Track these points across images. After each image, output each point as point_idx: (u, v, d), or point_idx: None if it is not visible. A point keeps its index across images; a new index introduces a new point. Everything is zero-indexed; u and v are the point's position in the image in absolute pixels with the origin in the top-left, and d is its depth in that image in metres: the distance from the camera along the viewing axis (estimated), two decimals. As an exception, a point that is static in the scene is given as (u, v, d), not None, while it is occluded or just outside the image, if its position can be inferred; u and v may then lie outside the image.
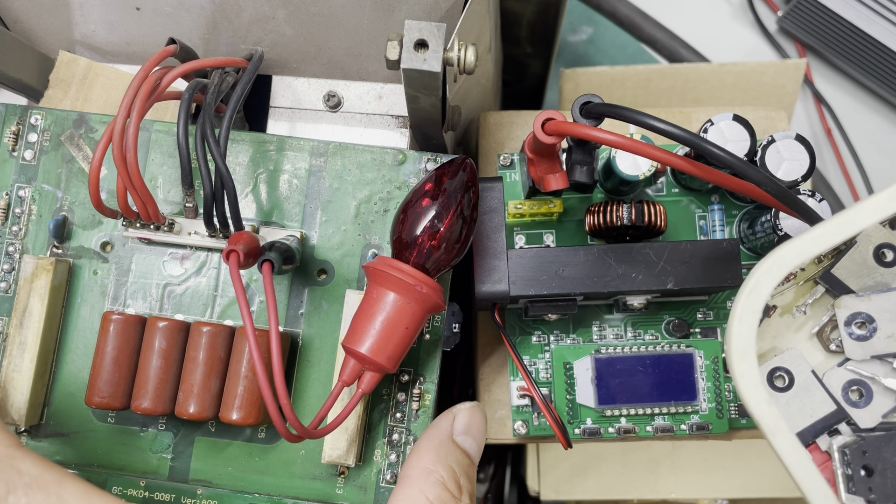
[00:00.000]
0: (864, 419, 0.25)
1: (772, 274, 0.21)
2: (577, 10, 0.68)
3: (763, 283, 0.21)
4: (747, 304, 0.21)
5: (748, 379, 0.21)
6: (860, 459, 0.25)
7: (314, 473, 0.32)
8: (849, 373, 0.26)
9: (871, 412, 0.25)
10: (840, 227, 0.21)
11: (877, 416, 0.25)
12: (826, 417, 0.25)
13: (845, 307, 0.25)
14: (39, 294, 0.31)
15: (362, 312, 0.29)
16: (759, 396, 0.20)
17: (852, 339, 0.25)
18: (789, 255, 0.21)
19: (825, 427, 0.25)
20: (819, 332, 0.26)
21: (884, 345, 0.25)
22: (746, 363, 0.21)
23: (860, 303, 0.25)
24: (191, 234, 0.32)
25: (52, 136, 0.34)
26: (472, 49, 0.29)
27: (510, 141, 0.39)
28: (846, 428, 0.26)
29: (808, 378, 0.26)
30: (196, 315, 0.33)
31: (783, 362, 0.26)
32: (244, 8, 0.34)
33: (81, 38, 0.37)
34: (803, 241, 0.21)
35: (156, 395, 0.31)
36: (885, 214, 0.21)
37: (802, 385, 0.26)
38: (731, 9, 0.69)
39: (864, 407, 0.25)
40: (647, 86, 0.57)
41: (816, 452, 0.26)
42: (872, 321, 0.25)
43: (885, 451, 0.25)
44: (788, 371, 0.26)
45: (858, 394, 0.25)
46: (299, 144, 0.33)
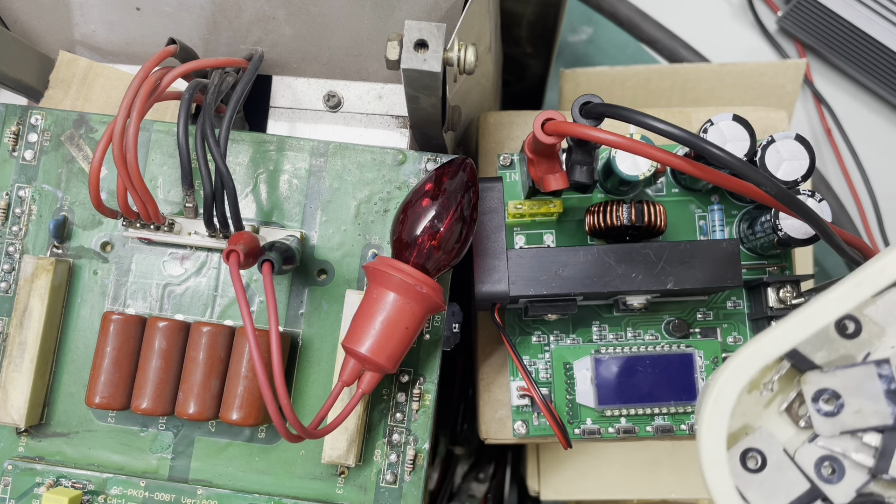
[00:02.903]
0: (839, 495, 0.25)
1: (735, 380, 0.21)
2: (576, 10, 0.68)
3: (727, 391, 0.21)
4: (714, 412, 0.21)
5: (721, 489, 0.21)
6: None
7: (314, 473, 0.32)
8: (820, 449, 0.25)
9: (845, 488, 0.25)
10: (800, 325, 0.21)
11: (850, 492, 0.25)
12: (801, 496, 0.25)
13: (811, 383, 0.25)
14: (39, 294, 0.31)
15: (362, 312, 0.29)
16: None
17: (820, 415, 0.25)
18: (751, 360, 0.21)
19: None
20: (788, 407, 0.26)
21: (852, 420, 0.25)
22: (717, 472, 0.21)
23: (825, 378, 0.25)
24: (191, 234, 0.32)
25: (53, 136, 0.34)
26: (472, 49, 0.29)
27: (510, 141, 0.39)
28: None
29: (781, 457, 0.25)
30: (196, 315, 0.33)
31: (754, 442, 0.25)
32: (244, 8, 0.34)
33: (81, 38, 0.37)
34: (764, 342, 0.21)
35: (156, 395, 0.31)
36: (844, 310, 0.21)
37: (775, 464, 0.25)
38: (731, 9, 0.69)
39: (837, 483, 0.25)
40: (646, 86, 0.57)
41: None
42: (839, 397, 0.25)
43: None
44: (760, 451, 0.25)
45: (831, 469, 0.25)
46: (299, 144, 0.33)
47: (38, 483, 0.32)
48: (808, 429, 0.26)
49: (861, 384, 0.25)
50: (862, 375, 0.24)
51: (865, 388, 0.24)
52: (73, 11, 0.36)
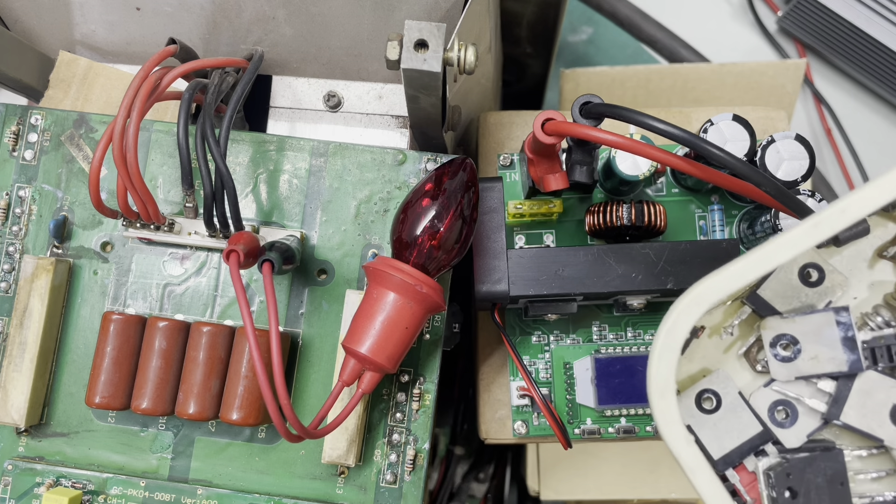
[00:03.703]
0: (790, 439, 0.26)
1: (690, 313, 0.21)
2: (577, 10, 0.68)
3: (681, 323, 0.21)
4: (666, 343, 0.21)
5: (667, 418, 0.21)
6: (785, 482, 0.25)
7: (314, 473, 0.32)
8: (775, 393, 0.26)
9: (797, 432, 0.26)
10: (757, 263, 0.21)
11: (802, 436, 0.26)
12: (753, 438, 0.25)
13: (770, 329, 0.25)
14: (39, 294, 0.31)
15: (362, 312, 0.29)
16: (677, 435, 0.20)
17: (777, 360, 0.25)
18: (706, 293, 0.21)
19: (752, 448, 0.26)
20: (746, 352, 0.27)
21: (808, 366, 0.25)
22: (665, 402, 0.20)
23: (785, 324, 0.25)
24: (191, 234, 0.32)
25: (53, 136, 0.34)
26: (472, 49, 0.29)
27: (510, 141, 0.39)
28: (773, 448, 0.26)
29: (736, 399, 0.26)
30: (196, 315, 0.33)
31: (711, 384, 0.26)
32: (244, 8, 0.34)
33: (82, 38, 0.37)
34: (720, 278, 0.21)
35: (156, 395, 0.31)
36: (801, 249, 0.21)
37: (730, 406, 0.26)
38: (731, 9, 0.69)
39: (789, 427, 0.26)
40: (646, 86, 0.57)
41: (744, 473, 0.26)
42: (797, 343, 0.25)
43: (808, 472, 0.25)
44: (716, 393, 0.26)
45: (784, 414, 0.26)
46: (299, 144, 0.33)
47: (38, 483, 0.32)
48: (764, 373, 0.26)
49: (819, 331, 0.25)
50: (821, 322, 0.25)
51: (823, 335, 0.25)
52: (73, 11, 0.36)
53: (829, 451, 0.25)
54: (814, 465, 0.25)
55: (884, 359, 0.25)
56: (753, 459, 0.26)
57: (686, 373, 0.26)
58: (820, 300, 0.25)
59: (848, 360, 0.25)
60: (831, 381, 0.25)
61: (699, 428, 0.26)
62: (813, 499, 0.25)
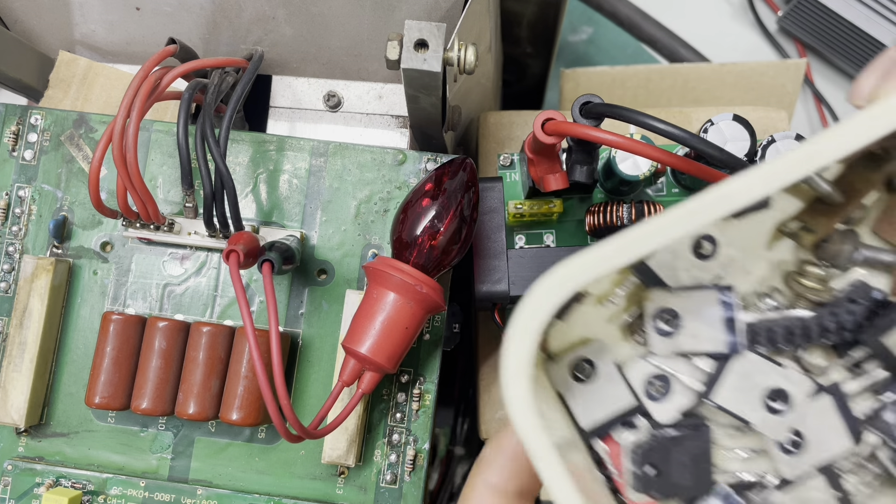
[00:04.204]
0: (662, 414, 0.25)
1: (552, 295, 0.19)
2: (577, 10, 0.68)
3: (546, 303, 0.19)
4: (525, 325, 0.19)
5: (520, 405, 0.19)
6: (648, 457, 0.25)
7: (314, 473, 0.32)
8: (651, 367, 0.25)
9: (669, 408, 0.25)
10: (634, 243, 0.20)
11: (674, 412, 0.25)
12: (624, 411, 0.25)
13: (653, 301, 0.24)
14: (39, 294, 0.31)
15: (362, 312, 0.29)
16: (529, 423, 0.19)
17: (657, 334, 0.24)
18: (574, 273, 0.19)
19: (622, 420, 0.25)
20: (629, 323, 0.26)
21: (687, 343, 0.24)
22: (519, 388, 0.19)
23: (668, 298, 0.24)
24: (191, 234, 0.32)
25: (52, 136, 0.34)
26: (472, 49, 0.29)
27: (510, 141, 0.39)
28: (643, 422, 0.25)
29: (611, 370, 0.25)
30: (196, 315, 0.33)
31: (588, 353, 0.25)
32: (244, 8, 0.34)
33: (81, 37, 0.37)
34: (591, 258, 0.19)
35: (156, 395, 0.31)
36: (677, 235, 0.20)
37: (604, 377, 0.25)
38: (732, 9, 0.69)
39: (662, 402, 0.25)
40: (647, 86, 0.57)
41: (612, 444, 0.26)
42: (678, 318, 0.24)
43: (673, 450, 0.25)
44: (592, 362, 0.25)
45: (659, 388, 0.25)
46: (299, 144, 0.33)
47: (37, 483, 0.32)
48: (644, 346, 0.26)
49: (702, 308, 0.24)
50: (704, 300, 0.24)
51: (705, 313, 0.24)
52: (72, 11, 0.36)
53: (698, 429, 0.25)
54: (680, 444, 0.25)
55: (764, 342, 0.25)
56: (622, 432, 0.25)
57: (566, 340, 0.26)
58: (711, 274, 0.25)
59: (727, 340, 0.24)
60: (710, 359, 0.25)
61: (571, 397, 0.25)
62: (674, 476, 0.25)
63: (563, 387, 0.25)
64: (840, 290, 0.25)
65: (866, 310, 0.25)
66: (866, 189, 0.24)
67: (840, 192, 0.24)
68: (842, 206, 0.24)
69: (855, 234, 0.25)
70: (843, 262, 0.25)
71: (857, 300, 0.25)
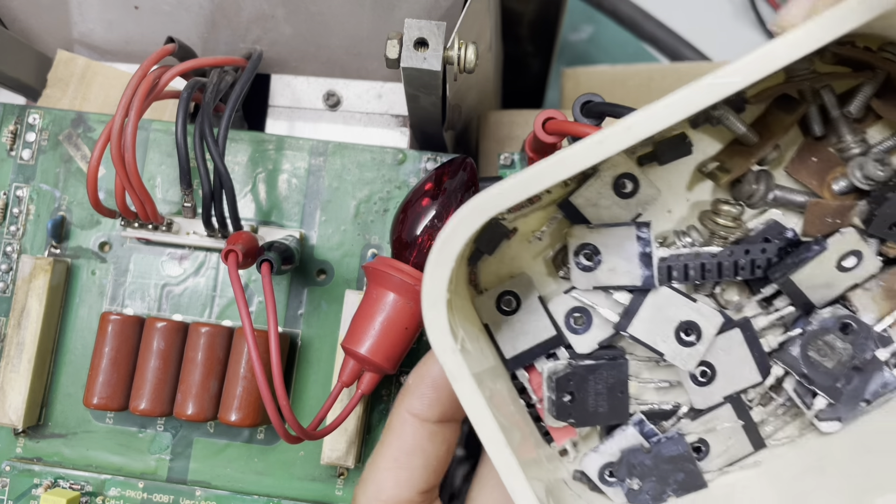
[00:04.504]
0: (581, 345, 0.26)
1: (466, 224, 0.20)
2: (577, 9, 0.67)
3: (457, 234, 0.20)
4: (440, 257, 0.20)
5: (436, 327, 0.21)
6: (566, 386, 0.25)
7: (313, 475, 0.32)
8: (573, 300, 0.26)
9: (588, 339, 0.26)
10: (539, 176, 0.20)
11: (593, 343, 0.26)
12: (546, 342, 0.26)
13: (576, 237, 0.25)
14: (37, 294, 0.31)
15: (362, 313, 0.28)
16: (445, 344, 0.21)
17: (579, 268, 0.25)
18: (485, 206, 0.20)
19: (544, 351, 0.26)
20: (553, 258, 0.27)
21: (606, 277, 0.25)
22: (436, 311, 0.20)
23: (589, 234, 0.25)
24: (189, 233, 0.32)
25: (51, 135, 0.33)
26: (472, 48, 0.29)
27: (510, 140, 0.39)
28: (564, 353, 0.26)
29: (535, 303, 0.26)
30: (194, 315, 0.33)
31: (513, 286, 0.26)
32: (243, 7, 0.34)
33: (80, 36, 0.37)
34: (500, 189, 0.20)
35: (154, 395, 0.31)
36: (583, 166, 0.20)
37: (528, 309, 0.26)
38: (733, 7, 0.69)
39: (582, 334, 0.26)
40: (648, 84, 0.56)
41: (534, 374, 0.27)
42: (598, 253, 0.25)
43: (590, 379, 0.26)
44: (517, 295, 0.26)
45: (579, 321, 0.26)
46: (298, 144, 0.33)
47: (35, 484, 0.32)
48: (567, 280, 0.26)
49: (620, 244, 0.25)
50: (623, 235, 0.25)
51: (623, 248, 0.25)
52: (71, 10, 0.36)
53: (615, 360, 0.26)
54: (597, 373, 0.26)
55: (679, 277, 0.25)
56: (545, 362, 0.26)
57: (494, 273, 0.27)
58: (632, 212, 0.25)
59: (642, 275, 0.25)
60: (627, 293, 0.25)
61: (496, 328, 0.26)
62: (590, 404, 0.26)
63: (491, 319, 0.26)
64: (754, 229, 0.26)
65: (778, 248, 0.26)
66: (781, 132, 0.25)
67: (755, 134, 0.25)
68: (757, 147, 0.25)
69: (769, 175, 0.26)
70: (757, 201, 0.26)
71: (770, 239, 0.26)
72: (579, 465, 0.27)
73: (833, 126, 0.26)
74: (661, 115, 0.20)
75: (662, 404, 0.27)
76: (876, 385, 0.25)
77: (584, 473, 0.26)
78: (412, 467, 0.25)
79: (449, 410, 0.25)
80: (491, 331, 0.26)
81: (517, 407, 0.26)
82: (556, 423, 0.26)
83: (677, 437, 0.26)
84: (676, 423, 0.27)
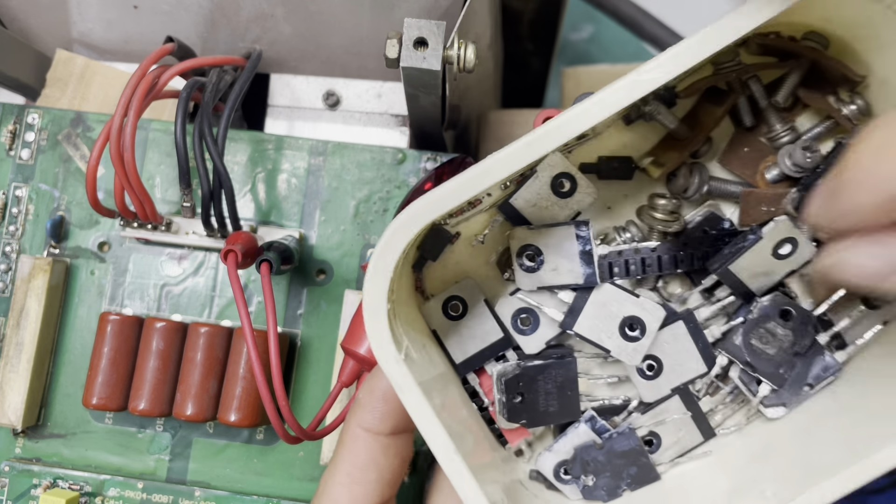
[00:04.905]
0: (530, 346, 0.26)
1: (403, 232, 0.20)
2: (577, 8, 0.67)
3: (395, 242, 0.20)
4: (379, 264, 0.21)
5: (379, 338, 0.21)
6: (515, 387, 0.26)
7: (313, 475, 0.32)
8: (519, 301, 0.26)
9: (536, 339, 0.26)
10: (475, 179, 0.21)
11: (540, 343, 0.26)
12: (494, 344, 0.26)
13: (517, 239, 0.25)
14: (36, 294, 0.31)
15: (361, 313, 0.28)
16: (388, 355, 0.21)
17: (522, 270, 0.26)
18: (422, 212, 0.20)
19: (493, 353, 0.26)
20: (497, 260, 0.27)
21: (549, 276, 0.25)
22: (377, 321, 0.21)
23: (531, 235, 0.25)
24: (188, 233, 0.32)
25: (50, 135, 0.33)
26: (472, 47, 0.29)
27: (511, 140, 0.39)
28: (513, 354, 0.27)
29: (481, 307, 0.26)
30: (194, 315, 0.33)
31: (459, 291, 0.26)
32: (242, 6, 0.34)
33: (79, 36, 0.37)
34: (435, 196, 0.21)
35: (153, 396, 0.31)
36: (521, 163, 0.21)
37: (475, 313, 0.26)
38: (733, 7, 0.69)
39: (529, 335, 0.26)
40: (648, 84, 0.56)
41: (485, 377, 0.27)
42: (540, 253, 0.25)
43: (539, 379, 0.26)
44: (462, 299, 0.26)
45: (526, 322, 0.26)
46: (298, 143, 0.33)
47: (35, 484, 0.32)
48: (512, 282, 0.27)
49: (561, 243, 0.25)
50: (563, 235, 0.25)
51: (564, 248, 0.25)
52: (70, 10, 0.35)
53: (563, 359, 0.26)
54: (546, 373, 0.26)
55: (621, 273, 0.26)
56: (494, 365, 0.26)
57: (439, 278, 0.27)
58: (571, 211, 0.26)
59: (584, 273, 0.25)
60: (571, 292, 0.26)
61: (444, 333, 0.26)
62: (541, 404, 0.26)
63: (439, 325, 0.26)
64: (691, 221, 0.26)
65: (715, 239, 0.26)
66: (712, 124, 0.26)
67: (688, 128, 0.26)
68: (690, 141, 0.26)
69: (703, 167, 0.26)
70: (692, 194, 0.26)
71: (708, 230, 0.26)
72: (534, 464, 0.27)
73: (763, 116, 0.26)
74: (591, 111, 0.20)
75: (613, 399, 0.27)
76: (817, 369, 0.26)
77: (540, 473, 0.26)
78: (367, 482, 0.25)
79: (401, 422, 0.25)
80: (439, 336, 0.26)
81: (470, 411, 0.26)
82: (509, 425, 0.26)
83: (628, 431, 0.26)
84: (627, 418, 0.27)
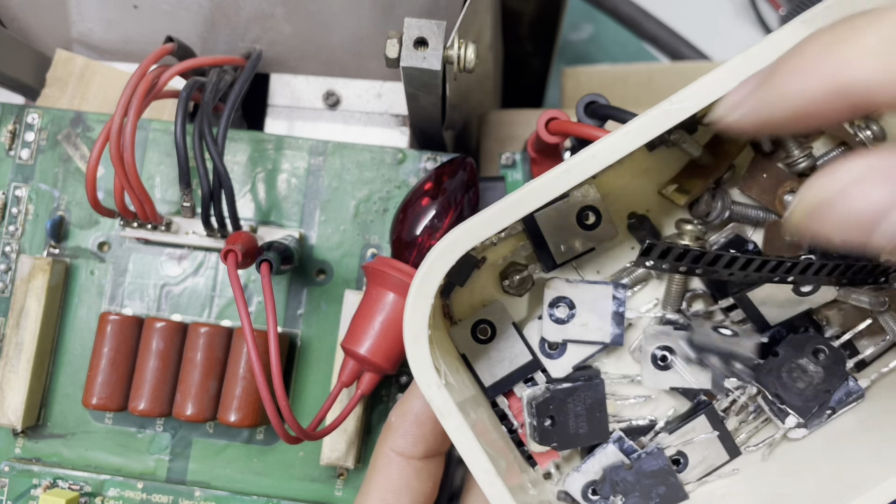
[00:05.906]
0: (556, 370, 0.27)
1: (444, 259, 0.21)
2: (578, 8, 0.67)
3: (435, 270, 0.21)
4: (420, 291, 0.21)
5: (420, 364, 0.21)
6: (546, 410, 0.26)
7: (313, 475, 0.32)
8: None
9: (563, 363, 0.27)
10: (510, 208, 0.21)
11: (568, 367, 0.27)
12: (523, 367, 0.27)
13: (554, 289, 0.26)
14: (36, 294, 0.31)
15: (361, 313, 0.28)
16: (429, 380, 0.21)
17: (551, 320, 0.26)
18: (461, 240, 0.21)
19: (522, 376, 0.27)
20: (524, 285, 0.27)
21: (577, 331, 0.26)
22: (419, 348, 0.21)
23: (567, 288, 0.26)
24: (188, 233, 0.32)
25: (49, 135, 0.33)
26: (472, 47, 0.29)
27: (511, 140, 0.39)
28: (541, 377, 0.27)
29: (510, 330, 0.27)
30: (194, 315, 0.33)
31: (488, 314, 0.27)
32: (242, 6, 0.34)
33: (79, 36, 0.36)
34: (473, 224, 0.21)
35: (153, 396, 0.31)
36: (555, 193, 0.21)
37: (503, 336, 0.27)
38: (733, 6, 0.69)
39: (557, 358, 0.27)
40: (648, 84, 0.56)
41: (514, 400, 0.27)
42: (573, 307, 0.26)
43: (569, 402, 0.26)
44: (492, 323, 0.27)
45: (553, 345, 0.27)
46: (298, 143, 0.33)
47: (34, 485, 0.32)
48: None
49: (596, 301, 0.26)
50: (599, 293, 0.26)
51: (598, 306, 0.26)
52: (70, 9, 0.35)
53: (590, 381, 0.26)
54: (575, 395, 0.26)
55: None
56: (523, 388, 0.27)
57: (466, 303, 0.27)
58: (590, 243, 0.26)
59: (612, 332, 0.26)
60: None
61: (473, 357, 0.27)
62: (571, 426, 0.26)
63: (467, 349, 0.27)
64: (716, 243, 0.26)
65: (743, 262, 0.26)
66: (736, 150, 0.26)
67: (710, 155, 0.26)
68: (714, 168, 0.26)
69: (725, 193, 0.26)
70: (715, 219, 0.26)
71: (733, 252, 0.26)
72: (562, 485, 0.27)
73: (780, 142, 0.26)
74: (621, 142, 0.21)
75: (639, 419, 0.27)
76: (840, 394, 0.26)
77: (568, 493, 0.26)
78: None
79: (434, 445, 0.25)
80: (468, 360, 0.27)
81: (500, 433, 0.26)
82: (539, 448, 0.26)
83: (657, 451, 0.26)
84: (654, 438, 0.27)
